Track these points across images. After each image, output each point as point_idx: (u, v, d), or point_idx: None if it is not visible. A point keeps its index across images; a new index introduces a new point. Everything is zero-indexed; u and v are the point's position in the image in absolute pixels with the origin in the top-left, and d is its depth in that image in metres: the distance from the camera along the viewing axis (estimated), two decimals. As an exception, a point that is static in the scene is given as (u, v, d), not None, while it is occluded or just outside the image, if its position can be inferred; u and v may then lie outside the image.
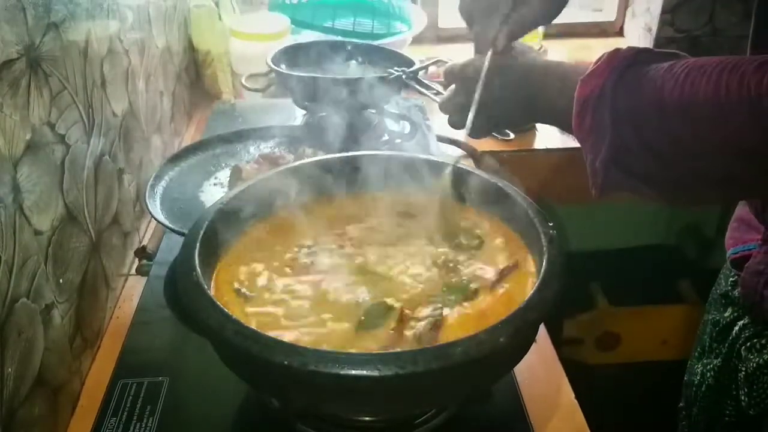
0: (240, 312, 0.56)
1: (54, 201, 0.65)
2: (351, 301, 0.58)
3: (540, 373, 0.69)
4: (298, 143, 1.01)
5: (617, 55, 0.51)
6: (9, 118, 0.56)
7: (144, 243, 0.89)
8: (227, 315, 0.49)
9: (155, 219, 0.81)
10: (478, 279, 0.60)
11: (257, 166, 0.92)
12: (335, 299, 0.58)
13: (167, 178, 0.91)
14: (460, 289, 0.59)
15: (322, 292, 0.59)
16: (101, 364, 0.72)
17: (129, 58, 0.91)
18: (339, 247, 0.65)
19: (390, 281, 0.61)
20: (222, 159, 0.99)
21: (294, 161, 0.85)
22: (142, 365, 0.70)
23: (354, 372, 0.44)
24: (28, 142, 0.59)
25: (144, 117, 0.97)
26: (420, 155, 0.76)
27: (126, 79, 0.89)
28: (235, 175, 0.90)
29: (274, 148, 1.03)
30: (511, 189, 0.65)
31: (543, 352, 0.72)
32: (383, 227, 0.68)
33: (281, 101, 1.23)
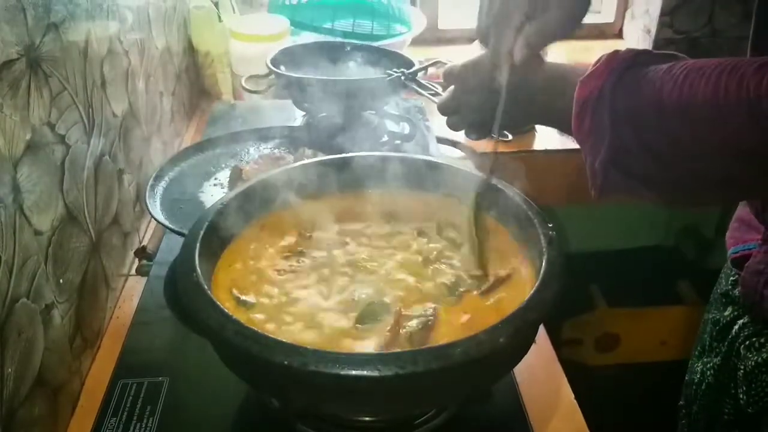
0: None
1: (54, 201, 0.65)
2: (348, 300, 0.58)
3: (539, 374, 0.69)
4: (297, 144, 1.01)
5: (616, 57, 0.51)
6: (9, 118, 0.56)
7: (144, 243, 0.89)
8: (227, 315, 0.49)
9: (155, 219, 0.81)
10: (469, 280, 0.61)
11: (257, 166, 0.92)
12: (334, 299, 0.58)
13: (167, 178, 0.91)
14: (450, 290, 0.59)
15: (320, 291, 0.60)
16: (101, 364, 0.72)
17: (129, 58, 0.91)
18: (339, 247, 0.66)
19: (385, 281, 0.61)
20: (222, 159, 0.99)
21: (294, 162, 0.85)
22: (142, 365, 0.70)
23: (354, 372, 0.44)
24: (28, 142, 0.59)
25: (144, 117, 0.97)
26: (417, 156, 0.77)
27: (126, 80, 0.89)
28: (235, 176, 0.90)
29: (274, 148, 1.03)
30: (510, 189, 0.65)
31: (542, 352, 0.72)
32: (383, 227, 0.68)
33: (281, 102, 1.23)
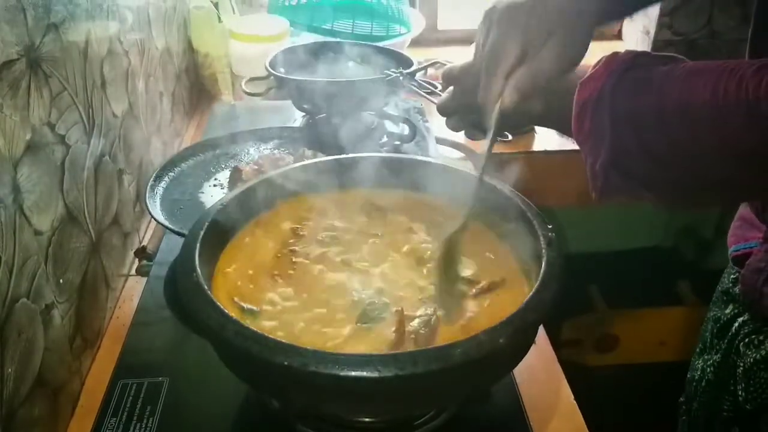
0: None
1: (54, 201, 0.65)
2: (348, 301, 0.58)
3: (539, 375, 0.69)
4: (297, 144, 1.01)
5: (616, 59, 0.51)
6: (9, 118, 0.56)
7: (144, 243, 0.89)
8: (227, 315, 0.49)
9: (155, 219, 0.81)
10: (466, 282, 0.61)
11: (257, 167, 0.92)
12: (333, 299, 0.59)
13: (167, 178, 0.91)
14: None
15: (320, 291, 0.60)
16: (101, 364, 0.72)
17: (129, 59, 0.91)
18: (338, 247, 0.66)
19: (384, 281, 0.61)
20: (222, 160, 0.99)
21: (294, 162, 0.85)
22: (142, 365, 0.70)
23: (354, 373, 0.44)
24: (28, 142, 0.59)
25: (144, 118, 0.97)
26: (417, 156, 0.77)
27: (126, 80, 0.89)
28: (235, 176, 0.90)
29: (273, 149, 1.03)
30: (510, 191, 0.65)
31: (542, 353, 0.72)
32: (382, 227, 0.69)
33: (281, 102, 1.23)
